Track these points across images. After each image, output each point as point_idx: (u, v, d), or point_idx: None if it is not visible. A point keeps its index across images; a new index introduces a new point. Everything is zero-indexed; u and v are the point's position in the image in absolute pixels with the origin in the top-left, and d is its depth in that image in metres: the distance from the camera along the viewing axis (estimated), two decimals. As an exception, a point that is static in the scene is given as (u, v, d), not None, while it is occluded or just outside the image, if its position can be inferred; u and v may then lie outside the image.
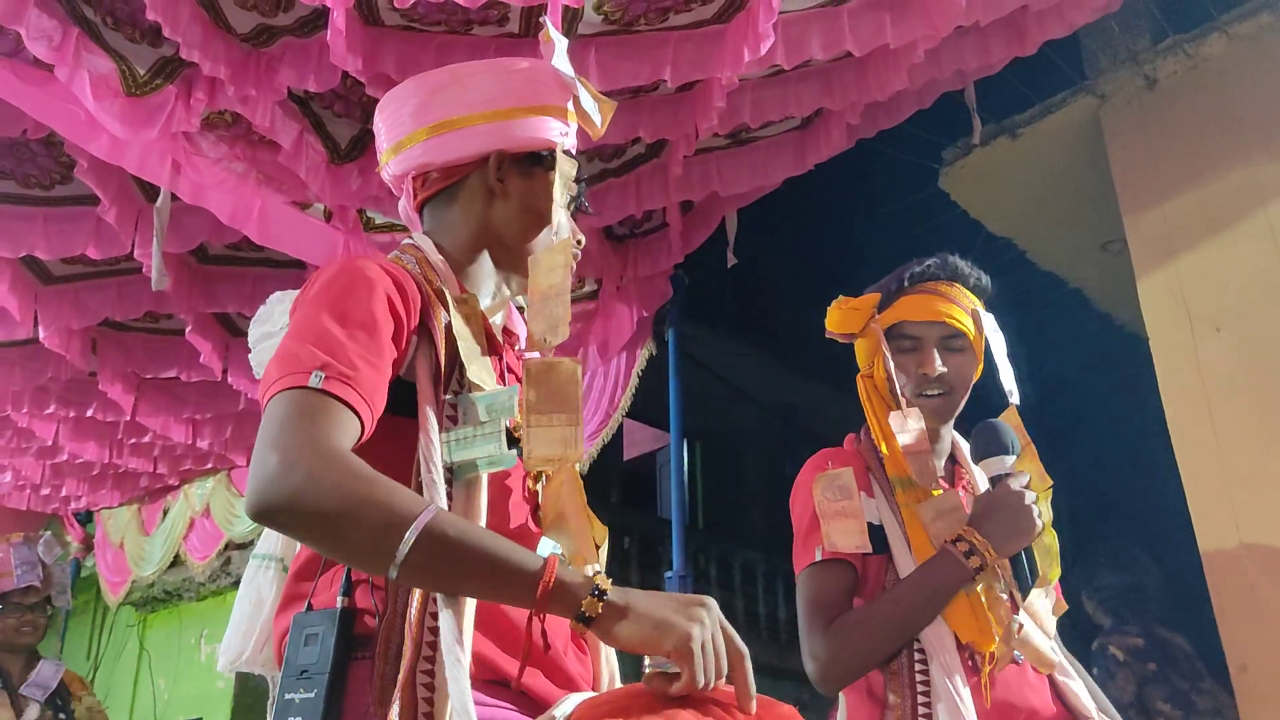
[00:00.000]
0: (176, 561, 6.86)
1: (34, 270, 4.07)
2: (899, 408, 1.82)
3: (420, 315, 1.22)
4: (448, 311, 1.23)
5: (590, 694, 1.04)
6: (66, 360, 4.44)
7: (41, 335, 4.18)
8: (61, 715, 3.23)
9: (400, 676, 1.03)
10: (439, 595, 1.07)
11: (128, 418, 5.00)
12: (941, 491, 1.78)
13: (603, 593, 0.99)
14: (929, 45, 3.14)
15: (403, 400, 1.18)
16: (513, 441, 1.21)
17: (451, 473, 1.15)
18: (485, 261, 1.37)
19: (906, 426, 1.79)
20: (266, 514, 1.01)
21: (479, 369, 1.19)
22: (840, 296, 1.92)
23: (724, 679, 1.00)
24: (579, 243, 1.38)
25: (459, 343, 1.20)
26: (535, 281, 1.27)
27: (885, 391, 1.87)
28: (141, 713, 8.47)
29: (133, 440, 5.53)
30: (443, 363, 1.20)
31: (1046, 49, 3.57)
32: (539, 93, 1.38)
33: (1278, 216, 3.56)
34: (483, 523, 1.12)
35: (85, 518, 7.42)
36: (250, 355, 1.41)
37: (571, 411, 1.20)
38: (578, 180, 1.42)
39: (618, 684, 1.30)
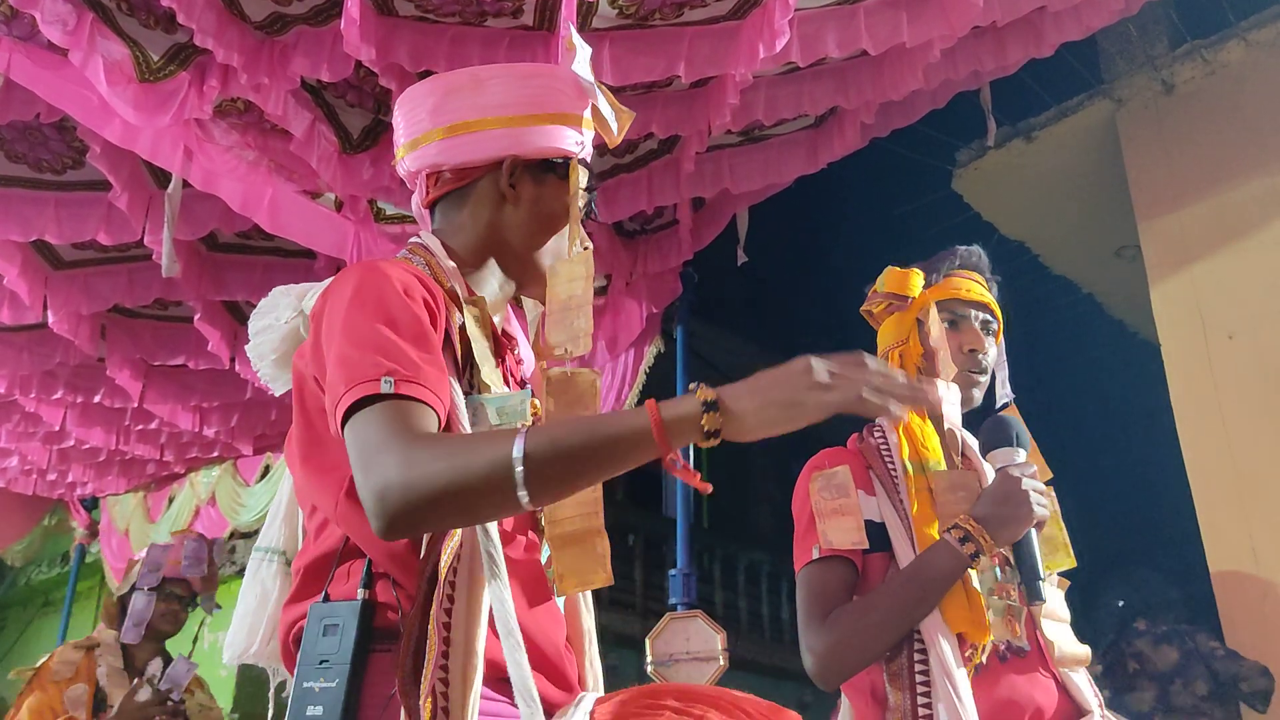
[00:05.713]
0: (181, 549, 6.87)
1: (44, 255, 4.07)
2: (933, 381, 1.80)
3: (443, 316, 1.24)
4: (461, 312, 1.25)
5: (597, 694, 1.03)
6: (75, 345, 4.45)
7: (51, 320, 4.19)
8: (171, 700, 3.17)
9: (428, 672, 1.04)
10: (454, 595, 1.08)
11: (135, 404, 5.01)
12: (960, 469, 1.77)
13: (713, 404, 1.00)
14: (945, 45, 3.12)
15: None
16: None
17: None
18: (491, 264, 1.38)
19: (949, 396, 1.77)
20: (396, 529, 1.03)
21: (490, 371, 1.20)
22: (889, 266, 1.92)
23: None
24: (586, 247, 1.38)
25: (473, 344, 1.21)
26: (555, 292, 1.28)
27: (921, 364, 1.84)
28: (143, 699, 8.48)
29: (140, 427, 5.54)
30: (459, 363, 1.22)
31: (1063, 51, 3.54)
32: (556, 100, 1.38)
33: (1294, 225, 3.53)
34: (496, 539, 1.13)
35: (91, 504, 7.43)
36: (248, 346, 1.40)
37: None
38: (588, 189, 1.43)
39: (601, 684, 1.31)
